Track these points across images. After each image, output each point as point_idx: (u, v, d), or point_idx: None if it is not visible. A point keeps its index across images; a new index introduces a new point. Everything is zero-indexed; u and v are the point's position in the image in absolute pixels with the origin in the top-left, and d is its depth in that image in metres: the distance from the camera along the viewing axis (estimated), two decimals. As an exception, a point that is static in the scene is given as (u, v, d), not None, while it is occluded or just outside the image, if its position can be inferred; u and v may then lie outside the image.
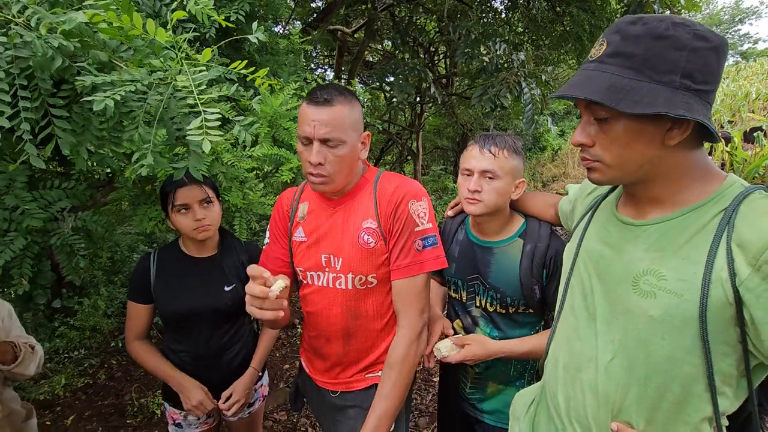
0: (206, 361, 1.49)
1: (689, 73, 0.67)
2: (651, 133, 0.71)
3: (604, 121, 0.73)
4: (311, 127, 1.06)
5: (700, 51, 0.67)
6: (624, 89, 0.68)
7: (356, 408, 1.21)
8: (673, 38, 0.67)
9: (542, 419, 0.96)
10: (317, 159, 1.07)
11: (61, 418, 2.67)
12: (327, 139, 1.07)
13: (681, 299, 0.70)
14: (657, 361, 0.74)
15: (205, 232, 1.41)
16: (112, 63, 0.80)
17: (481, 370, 1.33)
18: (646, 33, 0.68)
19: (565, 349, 0.90)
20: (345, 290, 1.17)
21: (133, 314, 1.49)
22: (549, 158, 11.92)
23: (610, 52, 0.71)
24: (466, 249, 1.33)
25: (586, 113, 0.76)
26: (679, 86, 0.67)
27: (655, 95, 0.66)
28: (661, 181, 0.76)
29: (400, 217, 1.13)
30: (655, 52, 0.67)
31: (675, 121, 0.69)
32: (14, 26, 0.70)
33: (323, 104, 1.07)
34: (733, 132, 7.59)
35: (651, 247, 0.76)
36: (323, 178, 1.10)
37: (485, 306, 1.30)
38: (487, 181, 1.20)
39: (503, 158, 1.20)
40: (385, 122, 6.70)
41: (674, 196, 0.76)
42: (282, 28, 4.78)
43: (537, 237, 1.24)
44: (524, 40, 5.17)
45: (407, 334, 1.14)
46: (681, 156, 0.73)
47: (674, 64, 0.67)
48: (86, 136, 0.81)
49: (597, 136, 0.75)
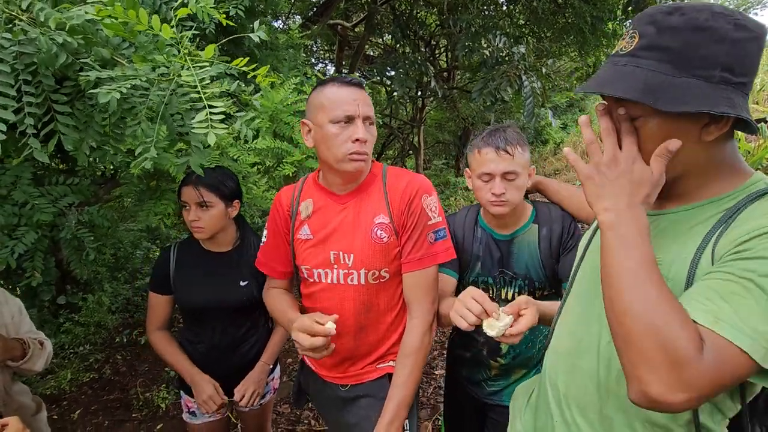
0: (220, 354, 1.52)
1: (729, 66, 0.63)
2: (687, 130, 0.67)
3: (640, 121, 0.69)
4: (355, 105, 1.08)
5: (741, 42, 0.63)
6: (662, 86, 0.63)
7: (368, 398, 1.22)
8: (712, 30, 0.62)
9: (542, 407, 0.97)
10: (365, 135, 1.09)
11: (68, 412, 2.70)
12: (368, 116, 1.11)
13: (670, 282, 0.69)
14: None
15: (198, 233, 1.44)
16: (114, 60, 0.81)
17: (508, 360, 1.33)
18: (685, 24, 0.63)
19: (567, 337, 0.90)
20: (357, 285, 1.18)
21: (154, 305, 1.54)
22: (551, 152, 11.88)
23: (645, 45, 0.66)
24: (488, 246, 1.35)
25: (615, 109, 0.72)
26: (719, 81, 0.63)
27: (695, 92, 0.63)
28: (690, 176, 0.72)
29: (415, 212, 1.15)
30: (694, 45, 0.63)
31: (713, 117, 0.66)
32: (19, 22, 0.71)
33: (357, 86, 1.11)
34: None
35: (658, 235, 0.75)
36: (365, 157, 1.12)
37: (512, 297, 1.30)
38: (509, 182, 1.22)
39: (519, 155, 1.21)
40: (387, 117, 6.69)
41: (697, 190, 0.73)
42: (282, 23, 4.77)
43: (550, 219, 1.28)
44: (525, 33, 5.15)
45: (420, 324, 1.16)
46: (714, 150, 0.69)
47: (714, 58, 0.63)
48: (89, 133, 0.82)
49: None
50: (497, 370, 1.36)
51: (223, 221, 1.45)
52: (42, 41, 0.67)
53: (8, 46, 0.68)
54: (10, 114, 0.68)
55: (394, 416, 1.11)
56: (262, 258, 1.31)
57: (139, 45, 0.84)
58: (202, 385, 1.47)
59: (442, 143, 9.56)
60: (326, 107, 1.09)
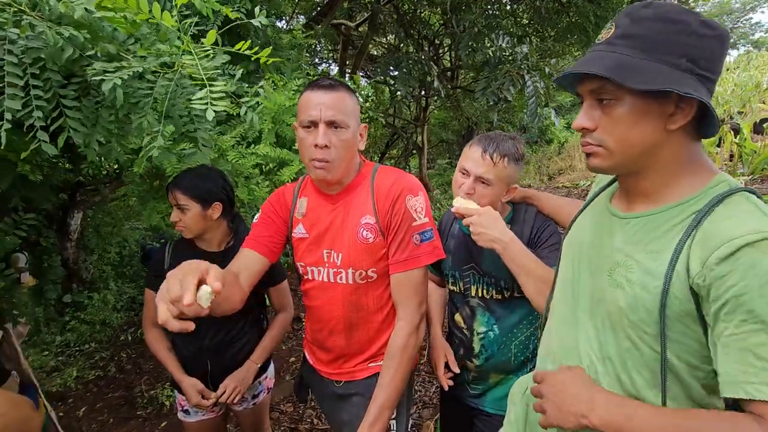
0: (211, 353, 1.53)
1: (695, 58, 0.69)
2: (655, 115, 0.71)
3: (608, 103, 0.73)
4: (317, 110, 1.08)
5: (706, 38, 0.69)
6: (633, 67, 0.69)
7: (359, 396, 1.24)
8: (682, 23, 0.69)
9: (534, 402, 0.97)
10: (323, 140, 1.08)
11: (74, 409, 2.72)
12: (333, 121, 1.08)
13: (644, 291, 0.72)
14: (628, 352, 0.75)
15: (182, 232, 1.47)
16: (120, 55, 0.82)
17: (482, 362, 1.34)
18: (657, 16, 0.70)
19: (554, 338, 0.92)
20: (346, 285, 1.19)
21: (149, 301, 1.56)
22: (555, 151, 11.85)
23: (620, 34, 0.72)
24: (460, 241, 1.37)
25: (589, 97, 0.76)
26: (685, 69, 0.69)
27: (663, 74, 0.68)
28: (655, 172, 0.76)
29: (398, 213, 1.14)
30: (664, 34, 0.69)
31: (678, 105, 0.70)
32: (26, 17, 0.72)
33: (328, 89, 1.09)
34: (743, 123, 7.48)
35: (628, 240, 0.77)
36: (326, 164, 1.10)
37: (482, 294, 1.32)
38: (482, 186, 1.22)
39: (501, 167, 1.20)
40: (390, 116, 6.69)
41: (663, 190, 0.76)
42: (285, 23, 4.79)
43: (523, 220, 1.28)
44: (529, 32, 5.14)
45: (406, 326, 1.16)
46: (679, 147, 0.74)
47: (682, 48, 0.69)
48: (97, 128, 0.83)
49: (600, 120, 0.75)
50: (475, 372, 1.37)
51: (203, 222, 1.46)
52: (49, 35, 0.69)
53: (16, 40, 0.70)
54: (17, 103, 0.69)
55: (377, 418, 1.10)
56: (249, 235, 1.25)
57: (141, 37, 0.85)
58: (188, 390, 1.50)
59: (445, 142, 9.56)
60: (299, 111, 1.13)
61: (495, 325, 1.31)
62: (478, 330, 1.33)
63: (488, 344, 1.32)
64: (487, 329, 1.32)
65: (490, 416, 1.35)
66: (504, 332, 1.31)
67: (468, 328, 1.36)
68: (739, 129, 7.09)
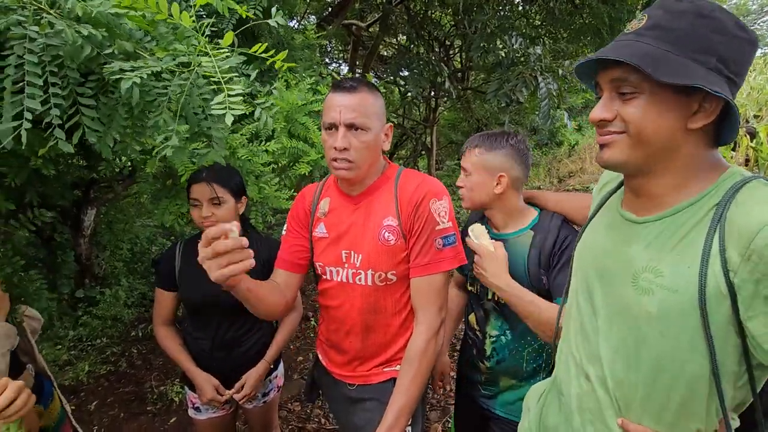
0: (223, 350, 1.53)
1: (725, 58, 0.67)
2: (677, 112, 0.69)
3: (630, 96, 0.70)
4: (337, 112, 1.08)
5: (739, 40, 0.67)
6: (661, 59, 0.66)
7: (374, 401, 1.23)
8: (717, 20, 0.67)
9: (551, 409, 0.95)
10: (342, 144, 1.08)
11: (85, 403, 2.76)
12: (352, 124, 1.09)
13: (676, 294, 0.69)
14: (659, 360, 0.73)
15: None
16: (137, 53, 0.83)
17: (492, 365, 1.34)
18: (692, 10, 0.67)
19: (574, 345, 0.90)
20: (364, 286, 1.18)
21: (160, 300, 1.57)
22: (566, 153, 11.72)
23: (650, 25, 0.70)
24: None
25: (609, 88, 0.73)
26: (713, 68, 0.67)
27: (691, 70, 0.65)
28: (668, 175, 0.73)
29: (421, 216, 1.14)
30: (696, 29, 0.67)
31: (702, 104, 0.68)
32: (46, 15, 0.73)
33: (349, 90, 1.10)
34: (759, 127, 7.33)
35: (650, 245, 0.75)
36: (348, 164, 1.11)
37: (497, 298, 1.31)
38: (466, 177, 1.30)
39: (474, 156, 1.29)
40: (400, 117, 6.68)
41: (675, 191, 0.74)
42: (297, 23, 4.81)
43: (547, 228, 1.26)
44: (542, 34, 5.09)
45: (426, 331, 1.15)
46: (696, 150, 0.72)
47: (714, 46, 0.66)
48: (112, 126, 0.84)
49: (620, 111, 0.72)
50: (486, 374, 1.36)
51: (234, 217, 1.47)
52: (68, 33, 0.69)
53: (35, 38, 0.70)
54: (37, 103, 0.70)
55: (394, 423, 1.09)
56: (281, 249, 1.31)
57: (159, 36, 0.86)
58: (203, 386, 1.49)
59: (455, 144, 9.51)
60: (323, 112, 1.14)
61: (508, 330, 1.31)
62: (491, 333, 1.33)
63: (499, 348, 1.32)
64: (499, 333, 1.32)
65: (500, 418, 1.35)
66: (516, 338, 1.30)
67: (481, 330, 1.35)
68: (755, 133, 6.95)
